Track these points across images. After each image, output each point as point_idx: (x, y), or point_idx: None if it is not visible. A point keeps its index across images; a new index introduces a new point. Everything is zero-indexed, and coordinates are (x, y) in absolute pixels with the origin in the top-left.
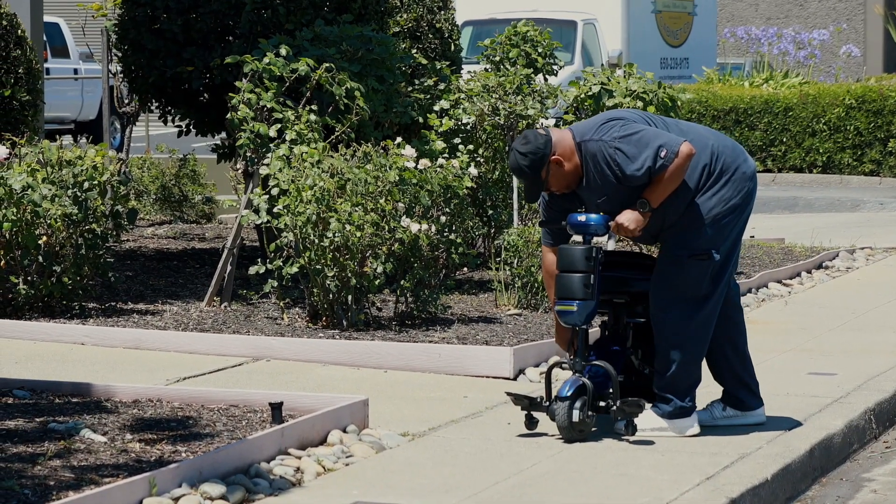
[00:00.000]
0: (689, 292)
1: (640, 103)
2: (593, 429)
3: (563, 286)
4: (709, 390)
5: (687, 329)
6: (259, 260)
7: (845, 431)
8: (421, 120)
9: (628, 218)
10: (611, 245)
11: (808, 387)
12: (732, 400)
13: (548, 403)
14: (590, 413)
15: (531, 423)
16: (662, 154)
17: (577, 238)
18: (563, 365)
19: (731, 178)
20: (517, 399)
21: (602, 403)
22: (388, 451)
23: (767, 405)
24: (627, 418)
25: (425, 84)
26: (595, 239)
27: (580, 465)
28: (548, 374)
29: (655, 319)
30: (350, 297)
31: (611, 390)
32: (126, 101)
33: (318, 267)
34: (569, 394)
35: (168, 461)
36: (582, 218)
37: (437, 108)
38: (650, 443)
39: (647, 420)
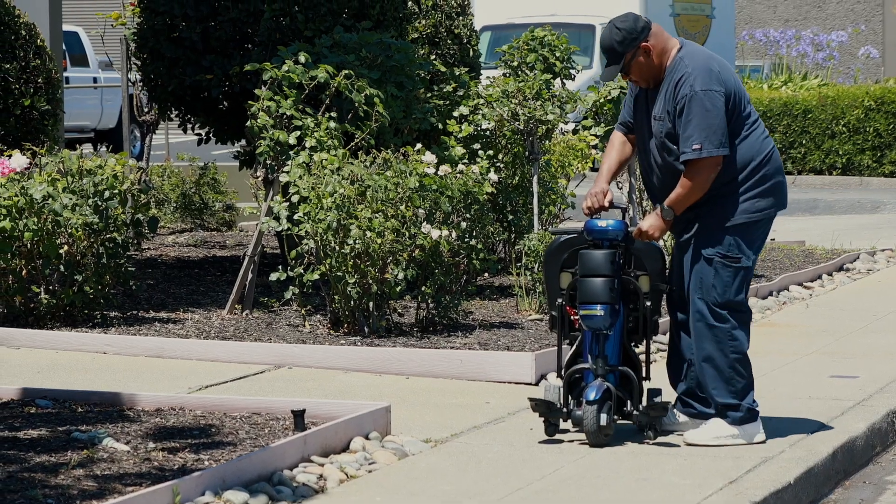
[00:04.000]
0: (721, 298)
1: None
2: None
3: (586, 290)
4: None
5: (729, 333)
6: (280, 267)
7: (868, 434)
8: (440, 126)
9: (651, 225)
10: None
11: (830, 389)
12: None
13: (566, 409)
14: (615, 417)
15: (551, 428)
16: (696, 147)
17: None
18: (580, 372)
19: (769, 189)
20: (537, 405)
21: (624, 408)
22: (410, 458)
23: (789, 408)
24: (651, 422)
25: (444, 90)
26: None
27: (602, 471)
28: (567, 380)
29: (695, 329)
30: (371, 304)
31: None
32: (146, 110)
33: (339, 274)
34: (596, 398)
35: (191, 469)
36: (602, 223)
37: (456, 113)
38: (673, 447)
39: (718, 429)
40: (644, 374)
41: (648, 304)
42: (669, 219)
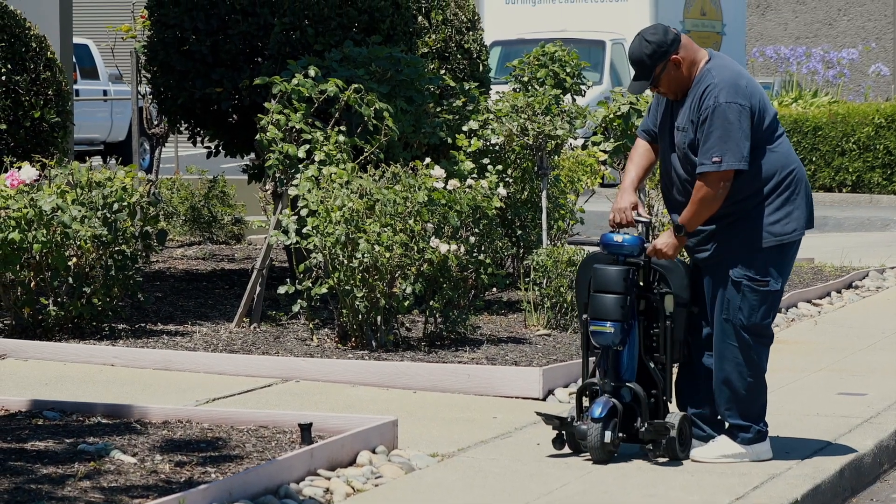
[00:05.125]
0: (747, 321)
1: None
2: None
3: (598, 307)
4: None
5: (749, 357)
6: (288, 281)
7: (875, 451)
8: (450, 140)
9: (665, 243)
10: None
11: (837, 407)
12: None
13: (578, 423)
14: (620, 434)
15: (560, 443)
16: (716, 159)
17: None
18: (595, 386)
19: (796, 209)
20: (548, 419)
21: (631, 425)
22: (417, 472)
23: (797, 425)
24: (654, 439)
25: (454, 105)
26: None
27: (609, 486)
28: (579, 394)
29: (717, 349)
30: (379, 318)
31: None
32: (155, 123)
33: (347, 287)
34: (601, 415)
35: (198, 482)
36: (618, 238)
37: (465, 128)
38: (679, 463)
39: (725, 447)
40: (665, 394)
41: (670, 323)
42: (682, 235)
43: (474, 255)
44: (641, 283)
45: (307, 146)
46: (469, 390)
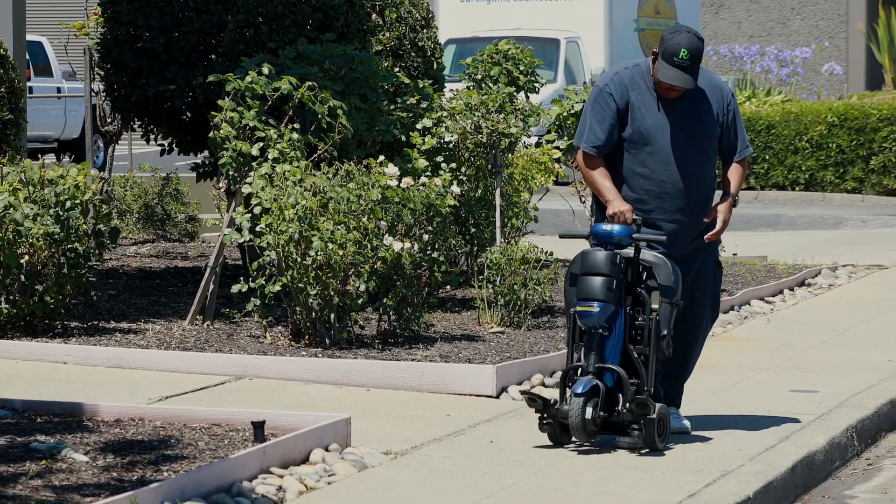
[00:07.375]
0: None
1: None
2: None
3: (585, 288)
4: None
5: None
6: (242, 278)
7: (827, 449)
8: (404, 138)
9: (728, 214)
10: None
11: (790, 404)
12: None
13: (561, 405)
14: (601, 413)
15: (544, 425)
16: (747, 145)
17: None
18: (579, 368)
19: None
20: (532, 400)
21: (613, 409)
22: (370, 470)
23: (750, 422)
24: (636, 420)
25: (408, 102)
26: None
27: (562, 484)
28: (563, 378)
29: (702, 329)
30: (333, 316)
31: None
32: (109, 120)
33: (300, 285)
34: (583, 391)
35: (150, 480)
36: (606, 227)
37: (419, 126)
38: (632, 460)
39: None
40: (646, 385)
41: (655, 316)
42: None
43: (428, 252)
44: (629, 279)
45: (261, 144)
46: (422, 388)
